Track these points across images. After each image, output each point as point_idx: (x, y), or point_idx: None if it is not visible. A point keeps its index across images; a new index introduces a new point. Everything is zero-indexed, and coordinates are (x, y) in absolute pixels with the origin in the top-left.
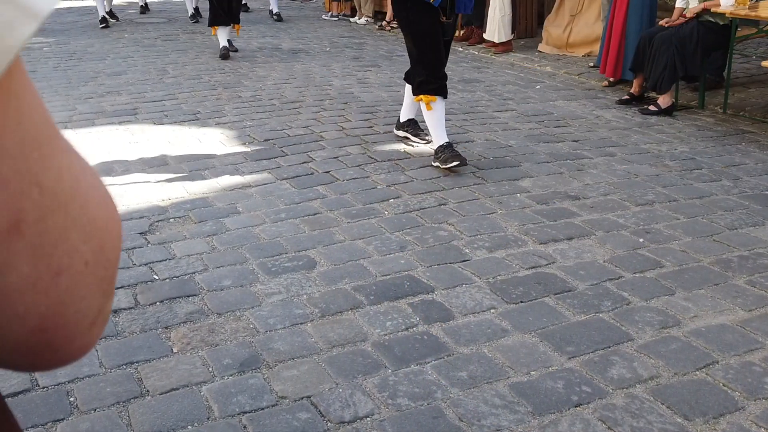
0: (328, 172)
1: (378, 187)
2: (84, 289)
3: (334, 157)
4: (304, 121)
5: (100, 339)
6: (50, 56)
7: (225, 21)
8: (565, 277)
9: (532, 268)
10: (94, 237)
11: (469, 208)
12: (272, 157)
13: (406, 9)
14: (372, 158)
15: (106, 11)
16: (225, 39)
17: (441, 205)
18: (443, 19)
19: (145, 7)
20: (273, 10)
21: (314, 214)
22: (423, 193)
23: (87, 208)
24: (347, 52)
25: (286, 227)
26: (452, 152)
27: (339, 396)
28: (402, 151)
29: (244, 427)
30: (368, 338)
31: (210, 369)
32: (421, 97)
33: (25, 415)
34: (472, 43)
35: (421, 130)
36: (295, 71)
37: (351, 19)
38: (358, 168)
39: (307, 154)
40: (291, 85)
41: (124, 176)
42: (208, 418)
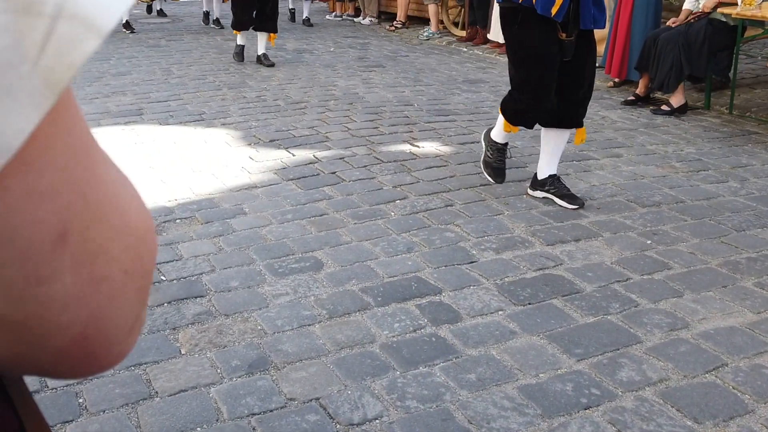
0: (334, 173)
1: (384, 188)
2: (123, 298)
3: (340, 158)
4: (309, 122)
5: None
6: None
7: (247, 26)
8: (573, 279)
9: (540, 269)
10: (132, 246)
11: (476, 210)
12: (278, 157)
13: (514, 22)
14: (378, 159)
15: (123, 21)
16: (244, 40)
17: (447, 206)
18: (562, 36)
19: (161, 12)
20: (304, 16)
21: (321, 215)
22: (429, 194)
23: (126, 218)
24: (351, 53)
25: (293, 228)
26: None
27: (348, 398)
28: (408, 152)
29: (253, 429)
30: (376, 340)
31: (218, 370)
32: (503, 121)
33: None
34: (477, 44)
35: (567, 189)
36: (300, 72)
37: (355, 20)
38: (364, 169)
39: (313, 155)
40: (296, 86)
41: (130, 177)
42: (216, 420)
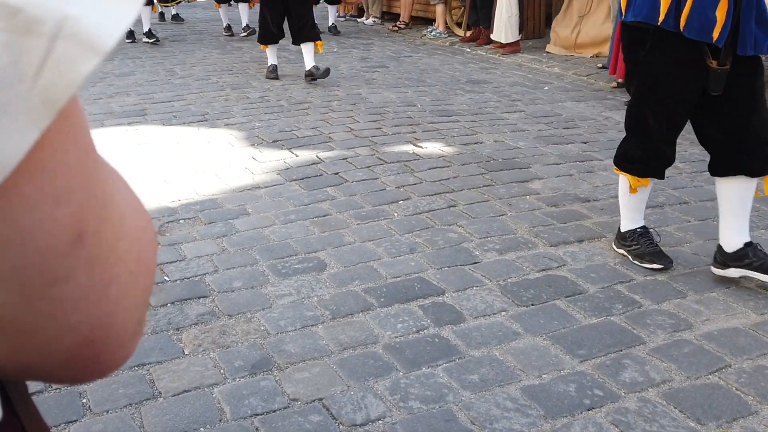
0: (337, 174)
1: (387, 189)
2: (130, 298)
3: (343, 159)
4: (313, 122)
5: None
6: None
7: (275, 39)
8: (576, 280)
9: (543, 270)
10: (134, 246)
11: (479, 210)
12: (281, 158)
13: (644, 48)
14: (381, 159)
15: (145, 31)
16: (275, 57)
17: (450, 207)
18: (713, 64)
19: (176, 17)
20: (330, 23)
21: (324, 216)
22: (432, 195)
23: (127, 218)
24: (354, 53)
25: (296, 229)
26: (653, 247)
27: (351, 398)
28: (411, 152)
29: (257, 429)
30: (379, 341)
31: (221, 371)
32: (627, 177)
33: None
34: (480, 44)
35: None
36: (303, 72)
37: (358, 20)
38: (367, 169)
39: (316, 155)
40: (299, 86)
41: (134, 177)
42: (220, 420)
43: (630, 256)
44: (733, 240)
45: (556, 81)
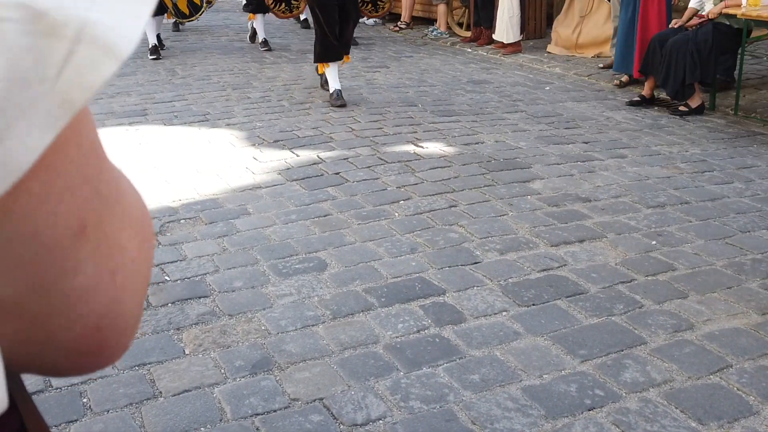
0: (338, 174)
1: (388, 189)
2: (133, 285)
3: (344, 159)
4: (314, 122)
5: None
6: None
7: (337, 54)
8: (577, 280)
9: (544, 270)
10: (136, 235)
11: (480, 210)
12: (282, 158)
13: None
14: (382, 159)
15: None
16: (337, 79)
17: (451, 206)
18: None
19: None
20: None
21: (324, 216)
22: (433, 195)
23: (129, 209)
24: (355, 53)
25: (297, 228)
26: None
27: (351, 398)
28: (412, 152)
29: (257, 429)
30: (380, 340)
31: (222, 370)
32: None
33: None
34: (481, 44)
35: None
36: (304, 72)
37: (359, 20)
38: (368, 169)
39: (317, 155)
40: (300, 86)
41: (135, 177)
42: (220, 420)
43: None
44: None
45: (557, 81)
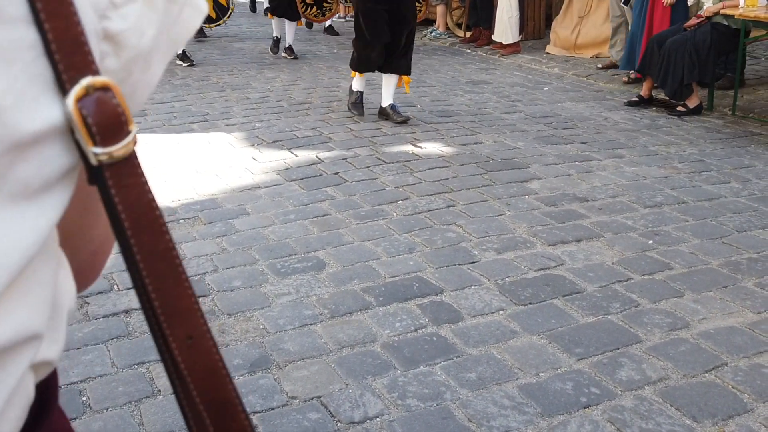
0: (336, 174)
1: (386, 189)
2: (101, 253)
3: (343, 159)
4: (313, 123)
5: (112, 339)
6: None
7: (373, 66)
8: (574, 279)
9: (541, 269)
10: (103, 232)
11: (478, 210)
12: (281, 158)
13: None
14: (380, 159)
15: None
16: (362, 85)
17: (449, 206)
18: None
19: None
20: (326, 24)
21: (323, 216)
22: (431, 195)
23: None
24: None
25: (295, 228)
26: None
27: (349, 396)
28: (410, 152)
29: (255, 427)
30: (377, 339)
31: None
32: None
33: None
34: (480, 45)
35: None
36: (303, 73)
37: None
38: (367, 169)
39: (316, 155)
40: (299, 87)
41: None
42: None
43: None
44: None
45: (555, 81)
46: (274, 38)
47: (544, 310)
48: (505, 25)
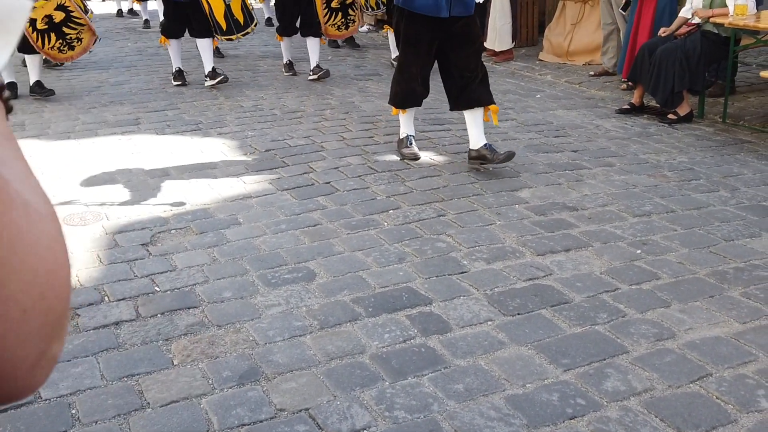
0: (328, 183)
1: (378, 198)
2: (21, 334)
3: (335, 168)
4: (305, 131)
5: (102, 351)
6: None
7: (418, 100)
8: (562, 289)
9: (530, 279)
10: (34, 286)
11: (468, 219)
12: (273, 167)
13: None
14: (372, 168)
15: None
16: (412, 125)
17: (440, 216)
18: None
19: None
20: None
21: (314, 225)
22: (422, 204)
23: (28, 259)
24: (349, 61)
25: (287, 238)
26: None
27: (337, 408)
28: (402, 161)
29: None
30: (366, 350)
31: (210, 381)
32: None
33: (27, 428)
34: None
35: None
36: (296, 81)
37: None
38: (358, 179)
39: (308, 165)
40: (292, 95)
41: (126, 187)
42: (207, 430)
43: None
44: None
45: (548, 89)
46: (287, 63)
47: (531, 321)
48: (498, 32)
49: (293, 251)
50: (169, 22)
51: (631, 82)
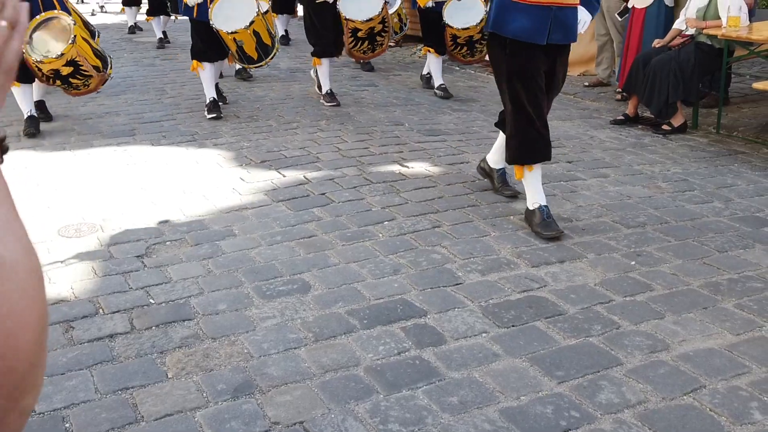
0: (323, 194)
1: (373, 209)
2: None
3: (330, 179)
4: (301, 142)
5: (96, 364)
6: None
7: (545, 153)
8: (557, 301)
9: (524, 291)
10: None
11: (463, 231)
12: (268, 178)
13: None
14: (367, 180)
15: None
16: (540, 189)
17: (435, 227)
18: None
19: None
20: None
21: (309, 237)
22: (417, 216)
23: None
24: (345, 72)
25: (282, 250)
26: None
27: (331, 421)
28: (397, 172)
29: None
30: (361, 363)
31: (204, 394)
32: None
33: None
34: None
35: None
36: (293, 91)
37: None
38: (354, 190)
39: (304, 176)
40: (288, 105)
41: (122, 198)
42: None
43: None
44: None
45: None
46: (328, 92)
47: (526, 333)
48: None
49: (288, 263)
50: (204, 43)
51: (625, 93)
